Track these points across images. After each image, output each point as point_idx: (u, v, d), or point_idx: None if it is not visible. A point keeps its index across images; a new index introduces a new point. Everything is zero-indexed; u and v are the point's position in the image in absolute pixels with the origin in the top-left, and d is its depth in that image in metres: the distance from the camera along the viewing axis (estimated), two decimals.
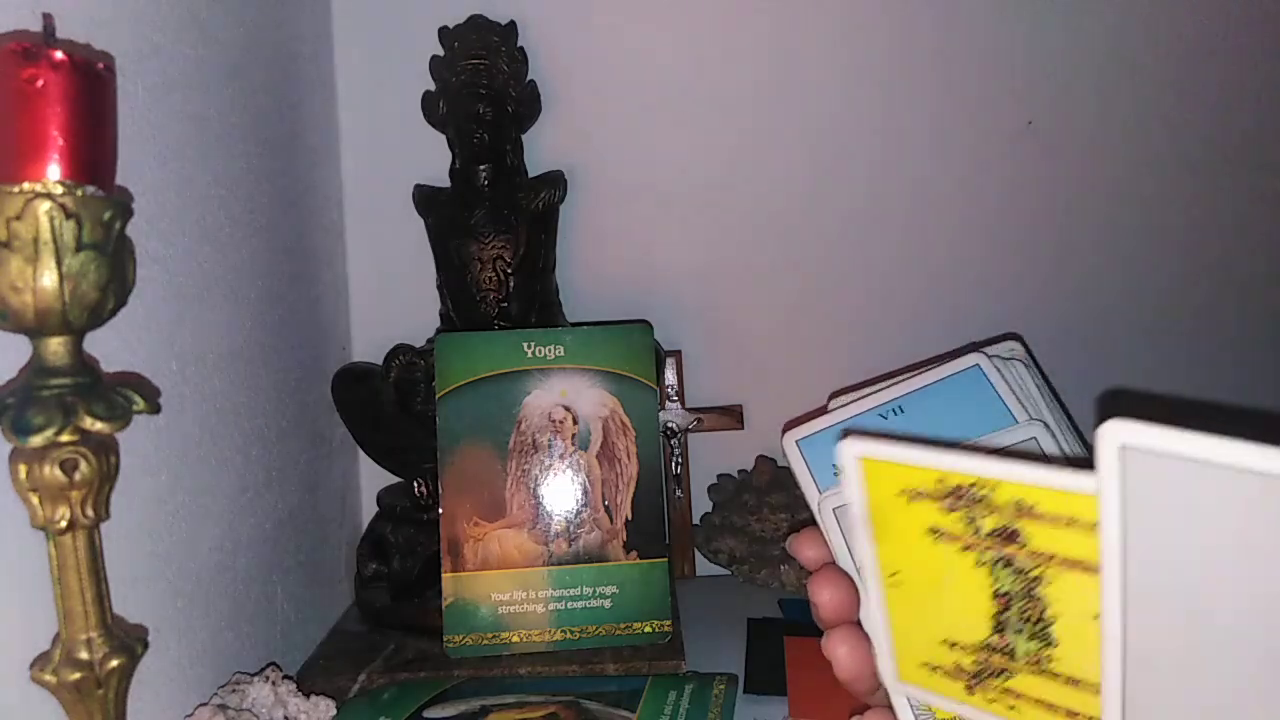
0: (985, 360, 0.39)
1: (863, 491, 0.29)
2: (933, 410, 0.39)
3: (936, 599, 0.29)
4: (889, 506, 0.29)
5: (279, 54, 0.70)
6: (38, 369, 0.35)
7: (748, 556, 0.80)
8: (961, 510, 0.27)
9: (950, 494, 0.27)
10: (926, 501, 0.28)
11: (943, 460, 0.27)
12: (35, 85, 0.32)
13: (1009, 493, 0.26)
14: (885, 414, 0.39)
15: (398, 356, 0.70)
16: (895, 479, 0.28)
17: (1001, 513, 0.26)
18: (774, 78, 0.86)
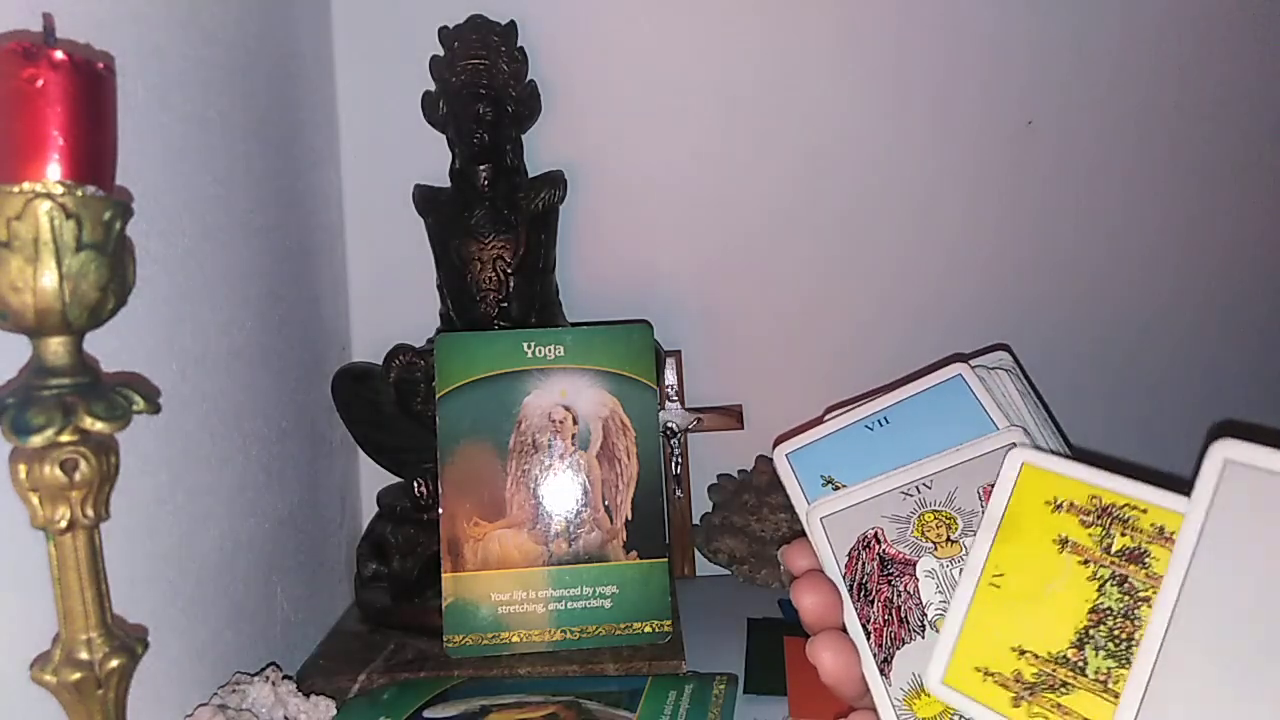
0: (967, 370, 0.41)
1: (1010, 493, 0.32)
2: (917, 420, 0.40)
3: (1030, 605, 0.30)
4: (1030, 511, 0.31)
5: (279, 54, 0.70)
6: (38, 369, 0.35)
7: (748, 556, 0.80)
8: (1100, 526, 0.30)
9: (1098, 510, 0.30)
10: (1069, 513, 0.30)
11: (1103, 479, 0.30)
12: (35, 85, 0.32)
13: (1155, 517, 0.29)
14: (871, 425, 0.41)
15: (398, 356, 0.70)
16: (1049, 488, 0.31)
17: (1139, 535, 0.29)
18: (774, 78, 0.86)
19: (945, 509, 0.38)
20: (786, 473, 0.41)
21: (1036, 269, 0.88)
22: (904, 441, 0.40)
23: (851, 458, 0.41)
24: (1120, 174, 0.88)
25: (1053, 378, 0.86)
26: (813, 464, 0.41)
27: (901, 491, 0.39)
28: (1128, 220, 0.88)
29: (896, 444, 0.40)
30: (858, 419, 0.41)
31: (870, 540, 0.39)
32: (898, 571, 0.38)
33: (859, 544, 0.39)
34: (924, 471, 0.39)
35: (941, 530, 0.38)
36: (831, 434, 0.41)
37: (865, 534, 0.39)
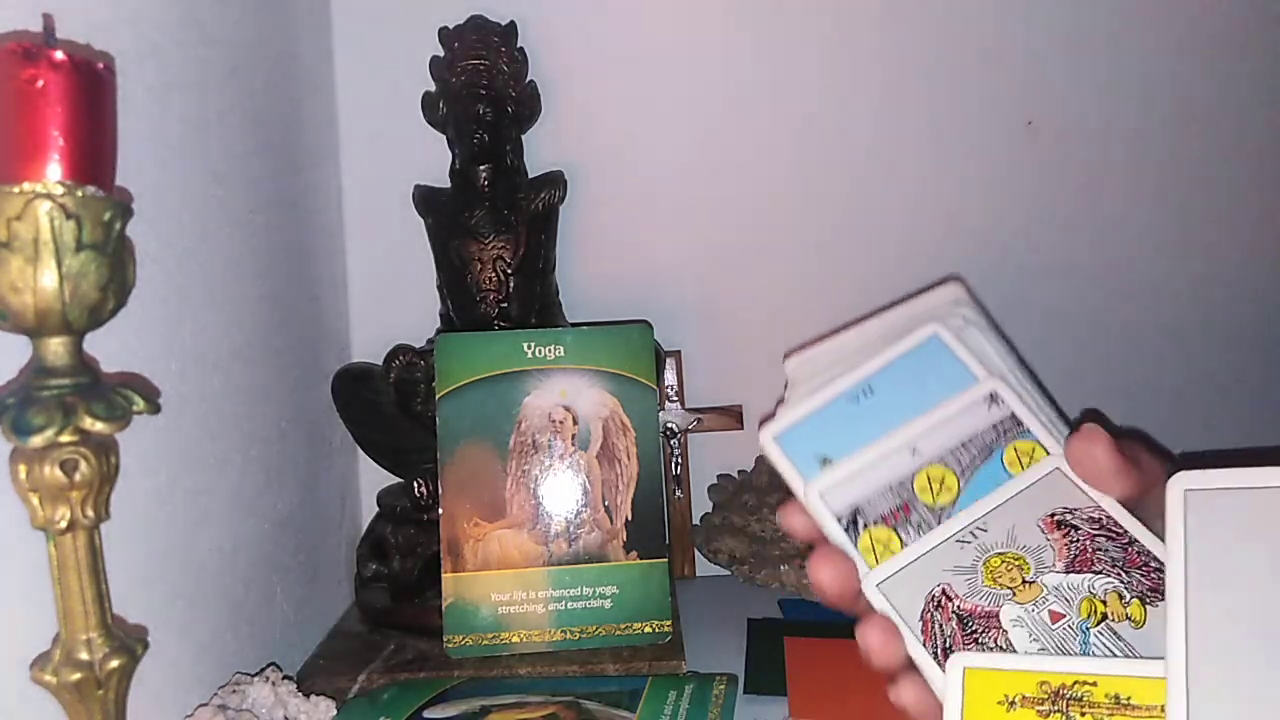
0: (942, 329, 0.41)
1: (962, 702, 0.31)
2: (900, 384, 0.40)
3: None
4: (985, 716, 0.31)
5: (279, 54, 0.70)
6: (38, 369, 0.35)
7: (748, 556, 0.80)
8: (1059, 713, 0.29)
9: (1050, 696, 0.30)
10: (1025, 709, 0.30)
11: (1043, 664, 0.30)
12: (35, 85, 0.32)
13: (1107, 687, 0.29)
14: (856, 397, 0.41)
15: (398, 356, 0.70)
16: (996, 686, 0.31)
17: (1098, 710, 0.29)
18: (774, 78, 0.86)
19: (1010, 550, 0.37)
20: (777, 455, 0.41)
21: (1037, 269, 0.88)
22: (890, 406, 0.40)
23: (841, 431, 0.41)
24: (1120, 175, 0.88)
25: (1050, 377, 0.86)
26: (803, 443, 0.41)
27: (958, 540, 0.37)
28: (1127, 221, 0.88)
29: (883, 410, 0.40)
30: (840, 391, 0.41)
31: (940, 599, 0.37)
32: (981, 627, 0.36)
33: (929, 605, 0.37)
34: (915, 430, 0.39)
35: (1015, 573, 0.36)
36: (816, 411, 0.41)
37: (933, 593, 0.37)
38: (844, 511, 0.39)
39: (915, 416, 0.40)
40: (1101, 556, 0.35)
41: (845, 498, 0.39)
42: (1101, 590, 0.35)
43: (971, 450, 0.39)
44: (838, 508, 0.39)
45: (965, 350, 0.40)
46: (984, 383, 0.40)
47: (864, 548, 0.38)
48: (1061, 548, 0.36)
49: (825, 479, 0.39)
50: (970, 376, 0.40)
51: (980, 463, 0.39)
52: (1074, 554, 0.36)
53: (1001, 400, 0.39)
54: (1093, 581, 0.35)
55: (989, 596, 0.36)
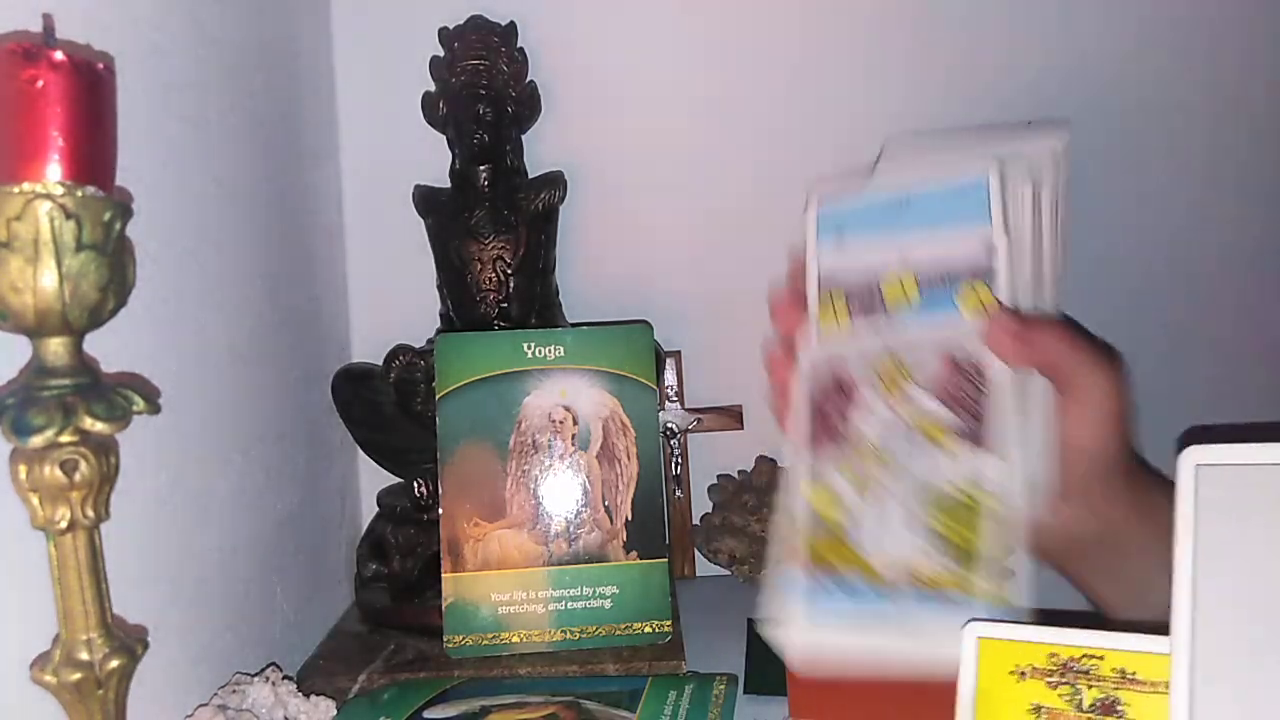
0: (994, 176, 0.43)
1: (975, 671, 0.33)
2: (934, 205, 0.45)
3: None
4: (998, 686, 0.32)
5: (279, 54, 0.70)
6: (38, 369, 0.35)
7: (748, 556, 0.80)
8: (1067, 685, 0.31)
9: (1059, 668, 0.31)
10: (1034, 679, 0.31)
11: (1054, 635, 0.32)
12: (35, 86, 0.32)
13: (1114, 662, 0.30)
14: (894, 202, 0.46)
15: (398, 357, 0.70)
16: (1008, 657, 0.32)
17: (1105, 683, 0.30)
18: (774, 78, 0.86)
19: (904, 358, 0.44)
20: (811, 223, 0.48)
21: None
22: (915, 217, 0.45)
23: (866, 223, 0.46)
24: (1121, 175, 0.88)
25: None
26: (833, 219, 0.48)
27: (878, 334, 0.45)
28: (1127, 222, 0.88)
29: (908, 218, 0.45)
30: (883, 192, 0.46)
31: (835, 361, 0.47)
32: (845, 395, 0.46)
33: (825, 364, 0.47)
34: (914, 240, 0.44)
35: (894, 376, 0.45)
36: (860, 197, 0.47)
37: (832, 355, 0.47)
38: (827, 274, 0.48)
39: (925, 230, 0.44)
40: (962, 398, 0.42)
41: (832, 263, 0.48)
42: (943, 419, 0.42)
43: (942, 274, 0.44)
44: (824, 268, 0.48)
45: (999, 199, 0.43)
46: (992, 231, 0.43)
47: (822, 308, 0.48)
48: (940, 377, 0.43)
49: (828, 248, 0.48)
50: (988, 221, 0.43)
51: (942, 286, 0.44)
52: (944, 386, 0.43)
53: (994, 253, 0.43)
54: (941, 410, 0.43)
55: (866, 381, 0.45)
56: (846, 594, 0.43)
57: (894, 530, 0.42)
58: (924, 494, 0.42)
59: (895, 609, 0.41)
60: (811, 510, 0.44)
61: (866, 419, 0.44)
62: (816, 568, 0.44)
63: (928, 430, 0.43)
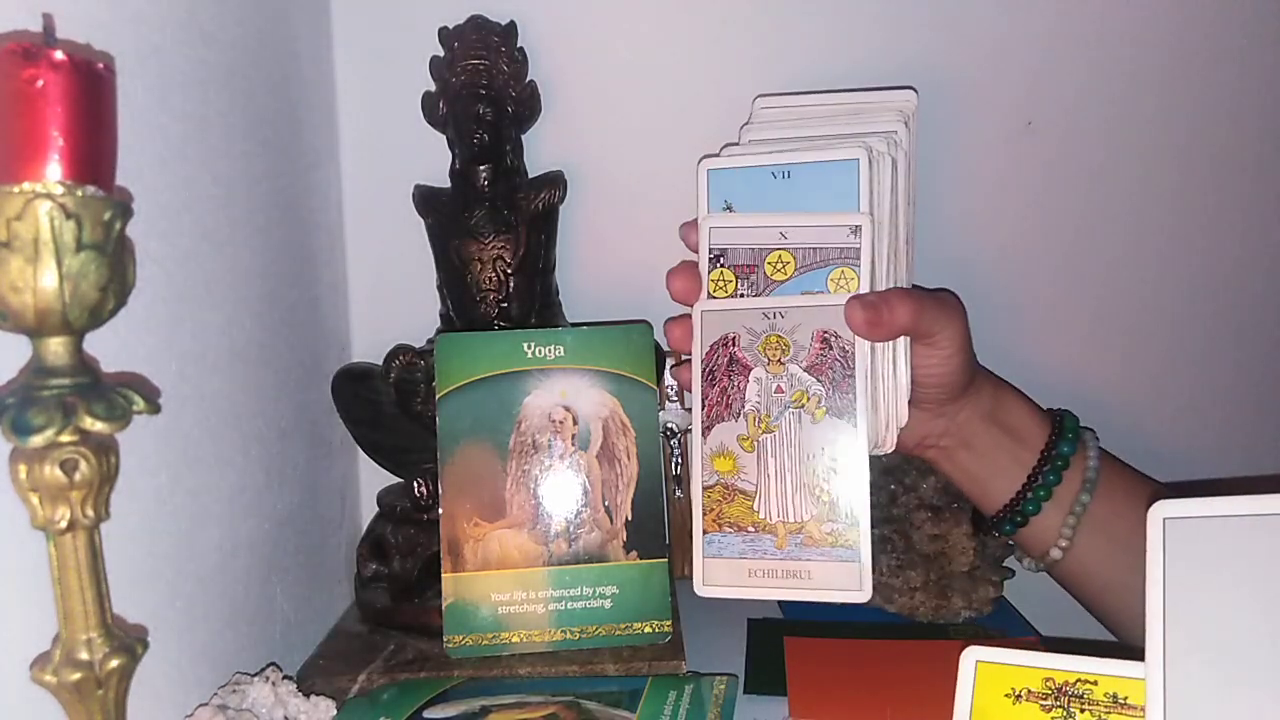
0: (864, 157, 0.51)
1: (972, 694, 0.34)
2: (811, 180, 0.52)
3: None
4: (993, 709, 0.34)
5: (279, 54, 0.70)
6: (38, 369, 0.35)
7: None
8: (1060, 709, 0.32)
9: (1053, 692, 0.32)
10: (1029, 702, 0.33)
11: (1049, 660, 0.33)
12: (35, 85, 0.32)
13: (1107, 687, 0.31)
14: (775, 174, 0.53)
15: (398, 357, 0.70)
16: (1004, 680, 0.34)
17: (1097, 707, 0.31)
18: (775, 78, 0.86)
19: (787, 337, 0.52)
20: (702, 185, 0.55)
21: (1036, 268, 0.88)
22: (793, 192, 0.53)
23: (751, 192, 0.54)
24: (1122, 176, 0.88)
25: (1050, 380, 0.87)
26: (724, 184, 0.55)
27: (764, 311, 0.52)
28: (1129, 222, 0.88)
29: (787, 193, 0.53)
30: (768, 163, 0.54)
31: (729, 341, 0.54)
32: (738, 370, 0.53)
33: (719, 341, 0.54)
34: (794, 221, 0.52)
35: (777, 352, 0.52)
36: (744, 168, 0.54)
37: (726, 335, 0.54)
38: (717, 247, 0.54)
39: (800, 209, 0.52)
40: (829, 373, 0.52)
41: (722, 238, 0.54)
42: (813, 391, 0.52)
43: (816, 255, 0.52)
44: (714, 242, 0.54)
45: (868, 182, 0.51)
46: (858, 216, 0.51)
47: (713, 278, 0.54)
48: (813, 354, 0.52)
49: (719, 219, 0.54)
50: (855, 203, 0.51)
51: (815, 267, 0.52)
52: (816, 361, 0.52)
53: (859, 234, 0.51)
54: (812, 383, 0.52)
55: (754, 357, 0.53)
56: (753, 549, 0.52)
57: (788, 496, 0.52)
58: (805, 459, 0.52)
59: (794, 564, 0.51)
60: (716, 474, 0.53)
61: (755, 391, 0.53)
62: (725, 525, 0.53)
63: (803, 403, 0.52)
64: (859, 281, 0.51)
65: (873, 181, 0.51)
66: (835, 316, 0.51)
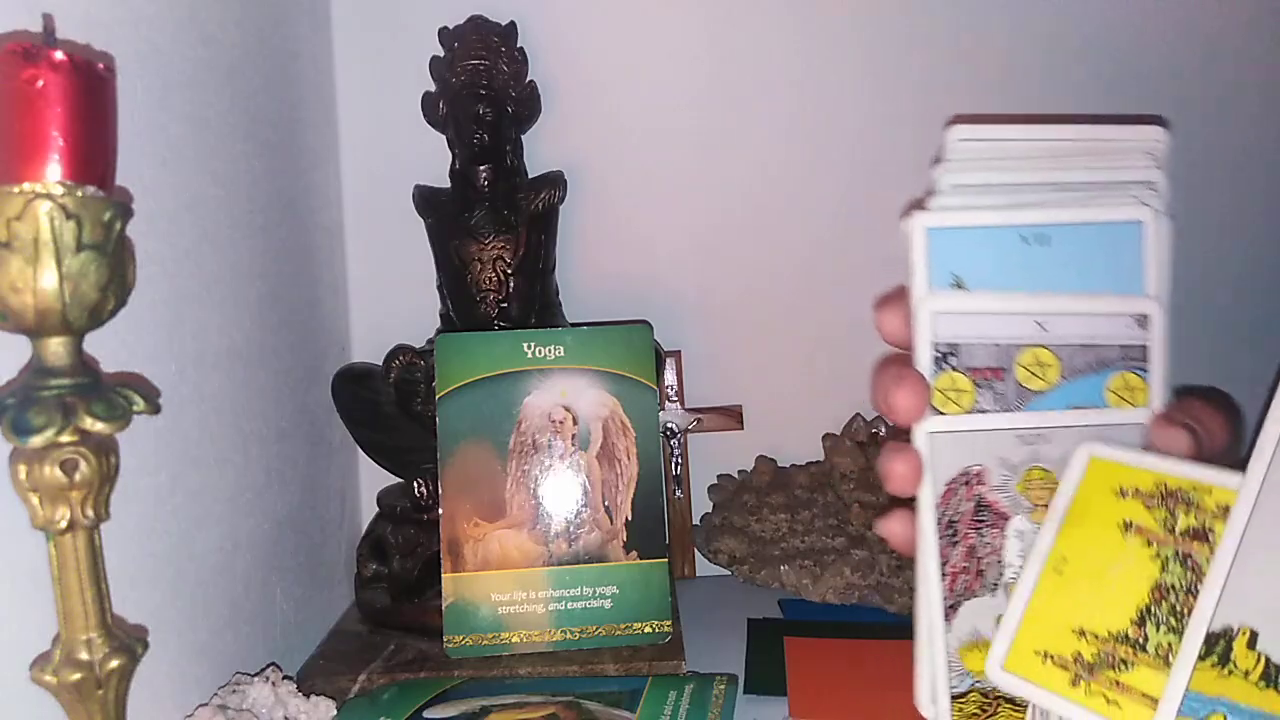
0: (1151, 219, 0.37)
1: (1078, 483, 0.33)
2: (1075, 248, 0.37)
3: (1093, 588, 0.31)
4: (1096, 499, 0.32)
5: (279, 54, 0.70)
6: (38, 369, 0.35)
7: (748, 556, 0.80)
8: (1164, 508, 0.31)
9: (1164, 495, 0.31)
10: (1134, 499, 0.32)
11: (1169, 465, 0.32)
12: (35, 86, 0.32)
13: (1219, 497, 0.30)
14: (1027, 238, 0.37)
15: (398, 357, 0.70)
16: (1116, 477, 0.32)
17: (1203, 513, 0.30)
18: (775, 78, 0.86)
19: (1054, 471, 0.36)
20: (919, 249, 0.37)
21: None
22: (1051, 265, 0.37)
23: (991, 262, 0.37)
24: None
25: None
26: (947, 250, 0.37)
27: (1019, 434, 0.37)
28: None
29: (1043, 266, 0.37)
30: (1016, 221, 0.37)
31: (973, 478, 0.37)
32: (990, 522, 0.36)
33: (960, 478, 0.37)
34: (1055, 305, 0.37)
35: (1044, 493, 0.37)
36: (982, 226, 0.37)
37: (969, 470, 0.37)
38: (945, 342, 0.37)
39: (1065, 290, 0.37)
40: None
41: (952, 329, 0.37)
42: None
43: (1089, 356, 0.37)
44: (941, 334, 0.37)
45: (1154, 253, 0.37)
46: (1146, 300, 0.37)
47: (940, 386, 0.37)
48: None
49: (947, 300, 0.37)
50: (1140, 284, 0.37)
51: (1088, 372, 0.37)
52: None
53: (1148, 325, 0.37)
54: None
55: (1012, 500, 0.36)
56: None
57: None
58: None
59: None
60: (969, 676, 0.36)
61: (1014, 548, 0.36)
62: None
63: None
64: (1147, 392, 0.37)
65: (1158, 251, 0.37)
66: (1124, 441, 0.36)
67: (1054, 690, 0.31)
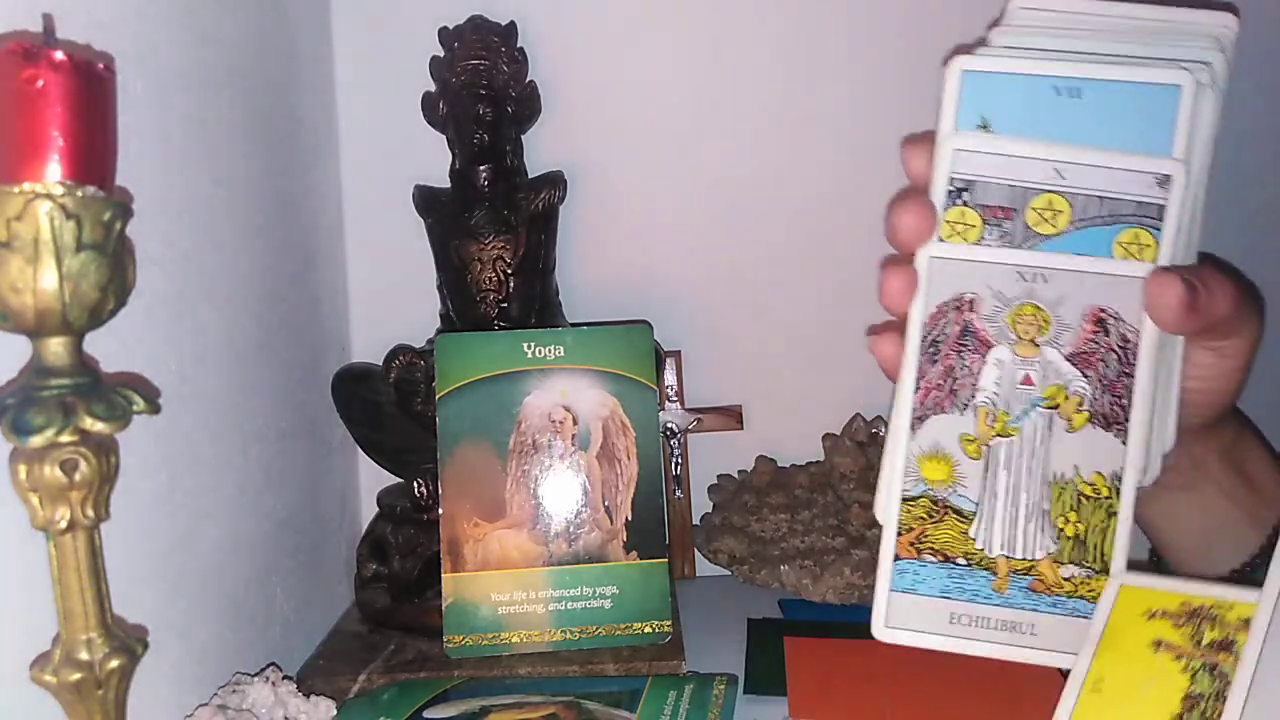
0: (1189, 83, 0.36)
1: (1110, 609, 0.35)
2: (1108, 104, 0.37)
3: (1128, 703, 0.34)
4: (1128, 623, 0.35)
5: (279, 54, 0.70)
6: (38, 369, 0.35)
7: (748, 556, 0.80)
8: (1191, 625, 0.34)
9: (1189, 614, 0.34)
10: (1162, 619, 0.34)
11: (1194, 587, 0.35)
12: (35, 85, 0.32)
13: (1240, 612, 0.33)
14: (1060, 89, 0.37)
15: (398, 357, 0.70)
16: (1145, 601, 0.35)
17: (1226, 627, 0.33)
18: (774, 77, 0.86)
19: (1047, 310, 0.37)
20: (953, 89, 0.38)
21: None
22: (1081, 118, 0.37)
23: (1021, 109, 0.38)
24: None
25: None
26: (981, 93, 0.38)
27: (1019, 270, 0.38)
28: None
29: (1072, 117, 0.37)
30: (1052, 73, 0.37)
31: (964, 304, 0.38)
32: (972, 348, 0.38)
33: (952, 303, 0.38)
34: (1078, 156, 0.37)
35: (1031, 328, 0.38)
36: (1017, 74, 0.38)
37: (962, 295, 0.38)
38: (962, 176, 0.38)
39: (1089, 141, 0.37)
40: (1099, 366, 0.37)
41: (972, 166, 0.38)
42: (1074, 388, 0.37)
43: (1103, 207, 0.37)
44: (959, 169, 0.38)
45: (1187, 119, 0.36)
46: (1171, 160, 0.36)
47: (950, 218, 0.38)
48: (1083, 337, 0.37)
49: (970, 139, 0.38)
50: (1168, 145, 0.37)
51: (1098, 223, 0.37)
52: (1084, 349, 0.37)
53: (1168, 186, 0.36)
54: (1075, 377, 0.38)
55: (999, 330, 0.38)
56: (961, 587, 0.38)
57: (1019, 524, 0.38)
58: (1049, 479, 0.37)
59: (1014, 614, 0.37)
60: (923, 482, 0.38)
61: (993, 378, 0.38)
62: (926, 551, 0.38)
63: (1059, 402, 0.38)
64: (1157, 250, 0.37)
65: (1194, 119, 0.36)
66: (1123, 292, 0.37)
67: None
